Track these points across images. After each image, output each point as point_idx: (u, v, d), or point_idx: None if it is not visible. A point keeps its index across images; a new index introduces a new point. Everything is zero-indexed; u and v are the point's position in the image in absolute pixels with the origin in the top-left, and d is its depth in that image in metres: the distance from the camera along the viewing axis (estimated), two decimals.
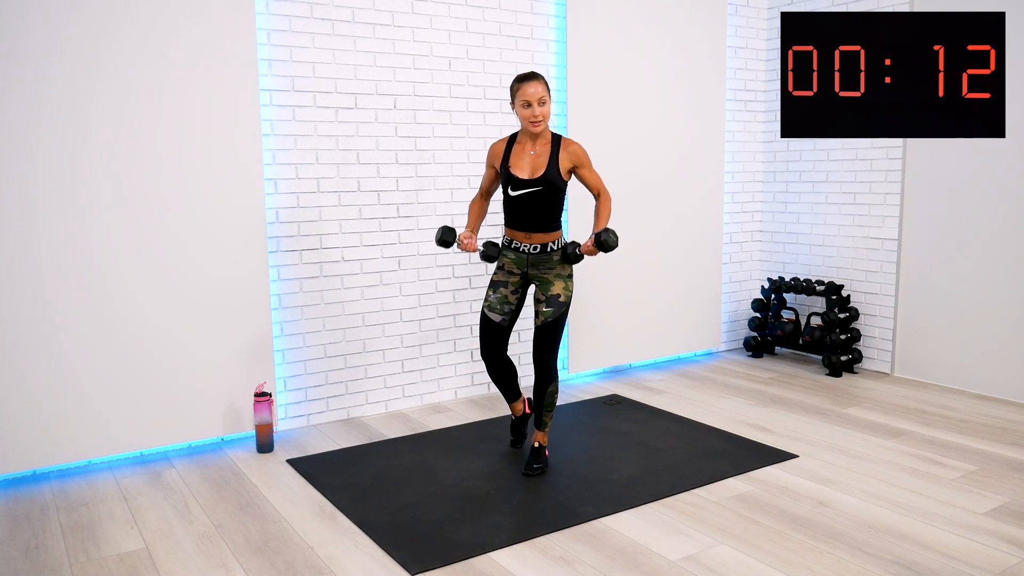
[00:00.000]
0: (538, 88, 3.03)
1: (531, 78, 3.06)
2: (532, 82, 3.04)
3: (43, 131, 3.12)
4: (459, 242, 3.16)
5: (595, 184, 3.19)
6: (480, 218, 3.34)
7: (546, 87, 3.07)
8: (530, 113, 3.05)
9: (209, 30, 3.40)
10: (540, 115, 3.05)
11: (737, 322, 5.41)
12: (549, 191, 3.11)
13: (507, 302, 3.25)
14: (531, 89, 3.03)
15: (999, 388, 4.21)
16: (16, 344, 3.15)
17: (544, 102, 3.05)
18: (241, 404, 3.62)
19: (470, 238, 3.18)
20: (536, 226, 3.14)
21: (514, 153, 3.17)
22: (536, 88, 3.03)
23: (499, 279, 3.26)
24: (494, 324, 3.26)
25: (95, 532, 2.77)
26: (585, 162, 3.15)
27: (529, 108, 3.05)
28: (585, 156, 3.15)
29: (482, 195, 3.34)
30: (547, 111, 3.07)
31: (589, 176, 3.18)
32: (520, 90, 3.06)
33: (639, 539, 2.65)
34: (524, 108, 3.06)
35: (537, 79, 3.05)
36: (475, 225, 3.31)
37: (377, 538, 2.67)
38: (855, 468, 3.24)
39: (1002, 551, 2.54)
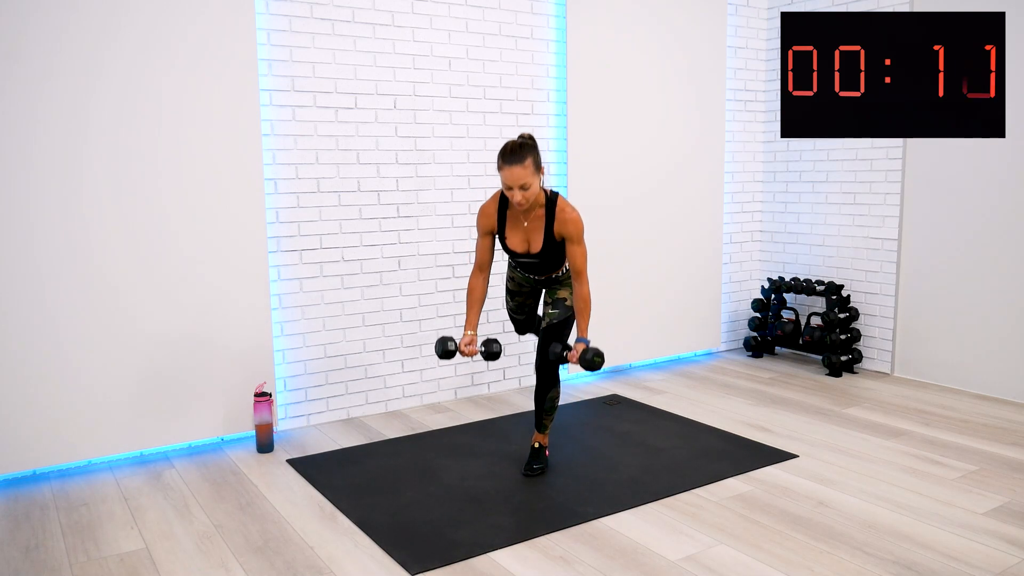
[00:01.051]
0: (521, 172, 2.77)
1: (513, 160, 2.78)
2: (514, 165, 2.77)
3: (43, 131, 3.13)
4: (460, 351, 3.02)
5: (577, 265, 2.96)
6: (481, 304, 3.10)
7: (533, 165, 2.80)
8: (511, 196, 2.84)
9: (209, 30, 3.40)
10: (523, 200, 2.83)
11: (737, 322, 5.41)
12: (548, 255, 3.01)
13: (525, 305, 3.39)
14: (512, 173, 2.78)
15: (999, 388, 4.21)
16: (16, 344, 3.15)
17: (527, 186, 2.80)
18: (241, 404, 3.62)
19: (470, 344, 3.01)
20: (540, 272, 3.13)
21: (509, 221, 3.00)
22: (518, 172, 2.77)
23: (513, 288, 3.35)
24: (519, 320, 3.46)
25: (95, 532, 2.77)
26: (574, 237, 2.93)
27: (511, 191, 2.83)
28: (577, 230, 2.93)
29: (480, 269, 3.09)
30: (532, 193, 2.82)
31: (573, 252, 2.95)
32: (501, 170, 2.81)
33: (639, 539, 2.65)
34: (506, 189, 2.83)
35: (520, 160, 2.77)
36: (475, 320, 3.07)
37: (377, 538, 2.67)
38: (855, 468, 3.24)
39: (1002, 551, 2.54)
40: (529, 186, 2.81)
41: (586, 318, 3.01)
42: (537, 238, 2.98)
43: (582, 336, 3.00)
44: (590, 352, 2.90)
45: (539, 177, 2.86)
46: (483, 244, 3.09)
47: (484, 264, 3.11)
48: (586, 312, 3.00)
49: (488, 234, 3.08)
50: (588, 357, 2.89)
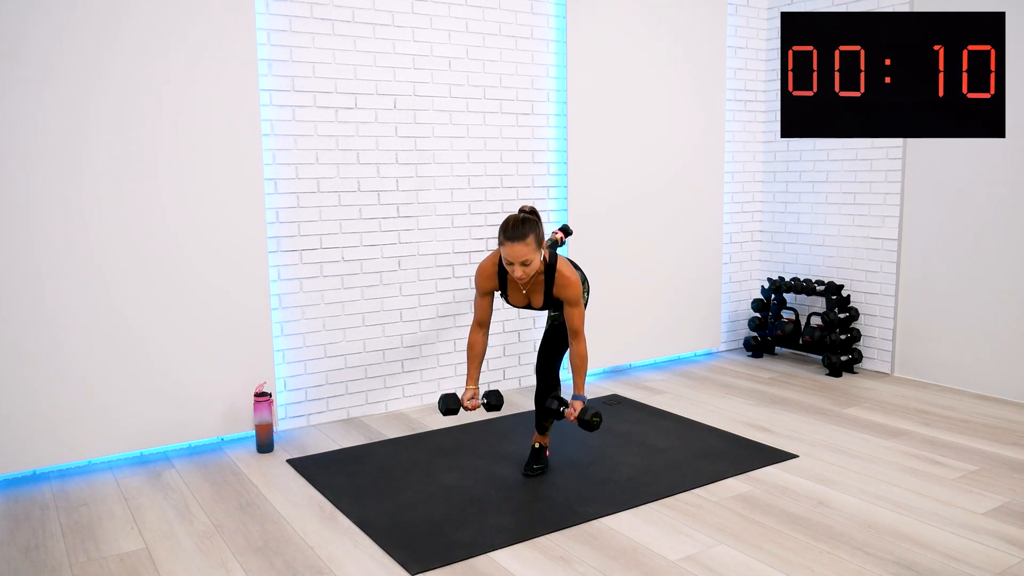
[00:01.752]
0: (523, 250, 2.76)
1: (515, 237, 2.76)
2: (516, 243, 2.75)
3: (43, 131, 3.12)
4: (464, 407, 2.98)
5: (574, 325, 2.96)
6: (481, 359, 3.07)
7: (534, 243, 2.78)
8: (512, 271, 2.82)
9: (209, 30, 3.40)
10: (524, 275, 2.82)
11: (737, 322, 5.41)
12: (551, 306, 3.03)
13: None
14: (514, 250, 2.76)
15: (999, 388, 4.21)
16: (16, 344, 3.15)
17: (528, 263, 2.78)
18: (241, 404, 3.62)
19: (472, 399, 2.99)
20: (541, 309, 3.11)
21: (510, 284, 2.99)
22: (519, 250, 2.76)
23: None
24: None
25: (95, 532, 2.77)
26: (572, 300, 2.93)
27: (512, 266, 2.81)
28: (575, 294, 2.93)
29: (479, 325, 3.06)
30: (532, 268, 2.81)
31: (571, 314, 2.95)
32: (503, 246, 2.80)
33: (639, 539, 2.65)
34: (507, 264, 2.82)
35: (522, 238, 2.76)
36: (476, 375, 3.05)
37: (377, 538, 2.67)
38: (855, 468, 3.24)
39: (1002, 551, 2.54)
40: (530, 263, 2.80)
41: (583, 375, 2.99)
42: (538, 298, 2.99)
43: (578, 393, 2.97)
44: (589, 412, 2.88)
45: (539, 253, 2.83)
46: (482, 303, 3.05)
47: (484, 321, 3.07)
48: (583, 369, 2.99)
49: (488, 293, 3.05)
50: (587, 418, 2.87)
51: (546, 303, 3.00)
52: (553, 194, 4.49)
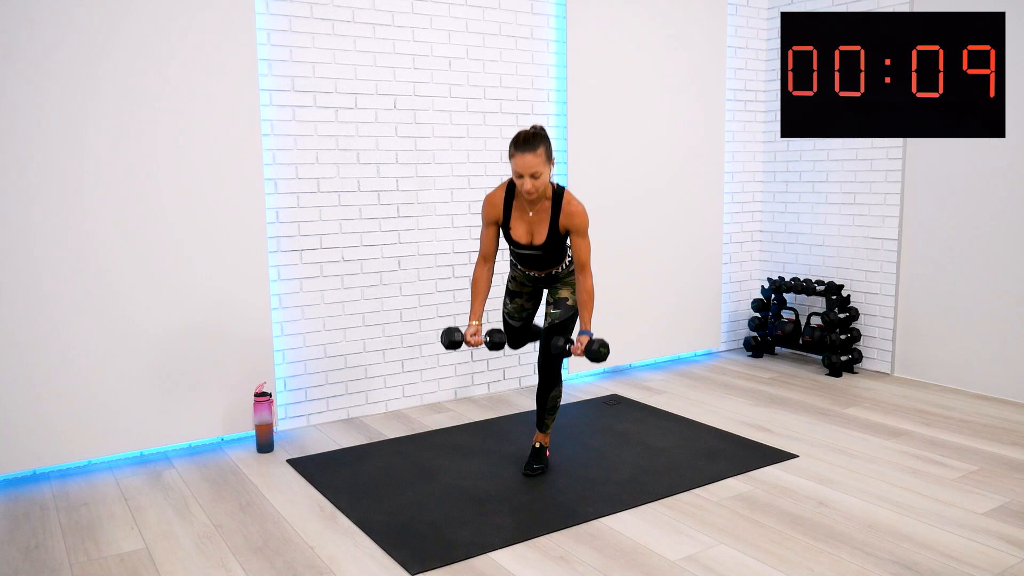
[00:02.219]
0: (533, 160, 2.77)
1: (526, 147, 2.78)
2: (527, 152, 2.77)
3: (43, 131, 3.12)
4: (466, 341, 3.01)
5: (581, 258, 2.98)
6: (486, 295, 3.09)
7: (545, 154, 2.81)
8: (521, 184, 2.84)
9: (209, 30, 3.40)
10: (532, 188, 2.82)
11: (737, 322, 5.41)
12: (551, 248, 3.02)
13: (523, 308, 3.33)
14: (525, 160, 2.78)
15: (999, 388, 4.21)
16: (16, 344, 3.15)
17: (538, 175, 2.80)
18: (241, 404, 3.62)
19: (476, 334, 3.02)
20: (542, 267, 3.12)
21: (514, 212, 2.99)
22: (530, 159, 2.77)
23: (514, 289, 3.31)
24: (514, 328, 3.37)
25: (95, 532, 2.77)
26: (580, 229, 2.94)
27: (521, 179, 2.82)
28: (583, 223, 2.94)
29: (485, 260, 3.09)
30: (542, 183, 2.83)
31: (579, 245, 2.97)
32: (513, 157, 2.81)
33: (639, 539, 2.65)
34: (517, 177, 2.83)
35: (533, 148, 2.78)
36: (479, 310, 3.07)
37: (377, 538, 2.67)
38: (855, 468, 3.24)
39: (1002, 551, 2.54)
40: (540, 175, 2.81)
41: (589, 311, 3.01)
42: (541, 230, 2.98)
43: (585, 328, 3.00)
44: (595, 343, 2.91)
45: (550, 168, 2.86)
46: (488, 234, 3.08)
47: (489, 255, 3.10)
48: (589, 305, 3.01)
49: (493, 224, 3.06)
50: (594, 348, 2.90)
51: (550, 237, 2.96)
52: None
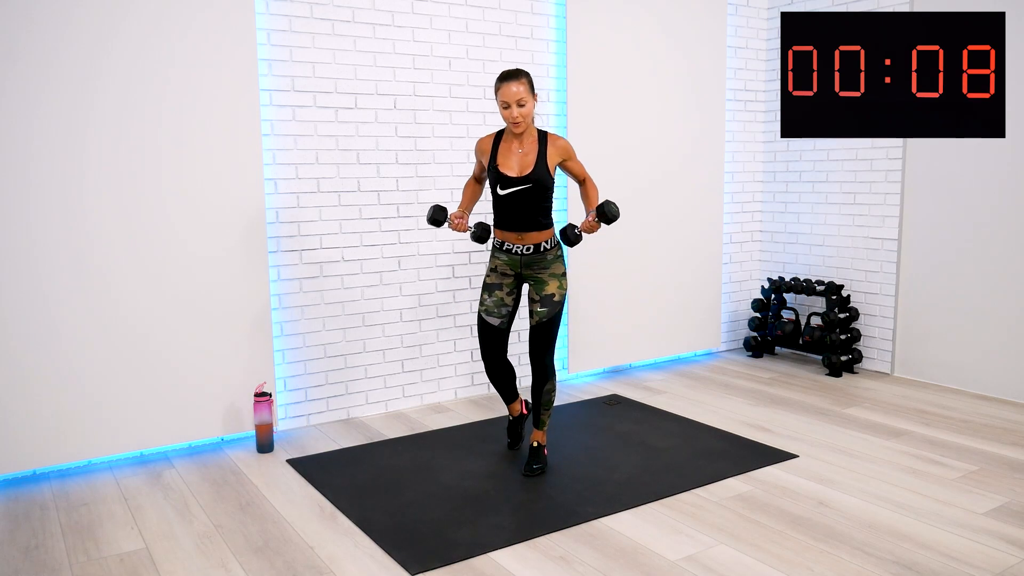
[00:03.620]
0: (517, 88, 2.96)
1: (510, 77, 2.98)
2: (511, 82, 2.97)
3: (43, 131, 3.12)
4: (450, 221, 3.13)
5: (581, 172, 3.21)
6: (474, 199, 3.33)
7: (528, 86, 3.00)
8: (509, 114, 3.00)
9: (209, 30, 3.40)
10: (519, 116, 2.99)
11: (737, 322, 5.41)
12: (539, 189, 3.08)
13: (503, 304, 3.23)
14: (510, 89, 2.96)
15: (999, 388, 4.21)
16: (16, 344, 3.15)
17: (523, 103, 2.98)
18: (241, 404, 3.62)
19: (461, 217, 3.15)
20: (528, 225, 3.12)
21: (501, 151, 3.12)
22: (515, 88, 2.96)
23: (493, 281, 3.23)
24: (492, 328, 3.25)
25: (95, 532, 2.77)
26: (572, 155, 3.16)
27: (508, 109, 2.99)
28: (572, 149, 3.16)
29: (475, 179, 3.34)
30: (528, 111, 3.00)
31: (575, 166, 3.19)
32: (499, 90, 2.99)
33: (639, 539, 2.65)
34: (504, 108, 3.01)
35: (517, 78, 2.97)
36: (468, 205, 3.29)
37: (377, 538, 2.67)
38: (855, 468, 3.24)
39: (1002, 551, 2.54)
40: (525, 103, 2.98)
41: (596, 199, 3.20)
42: (530, 161, 3.09)
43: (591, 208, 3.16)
44: (603, 203, 3.04)
45: (533, 100, 3.03)
46: (478, 165, 3.26)
47: (479, 178, 3.33)
48: (595, 195, 3.22)
49: (480, 161, 3.21)
50: (602, 208, 3.03)
51: (538, 166, 3.07)
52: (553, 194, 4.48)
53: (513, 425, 3.54)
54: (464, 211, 3.24)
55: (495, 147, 3.14)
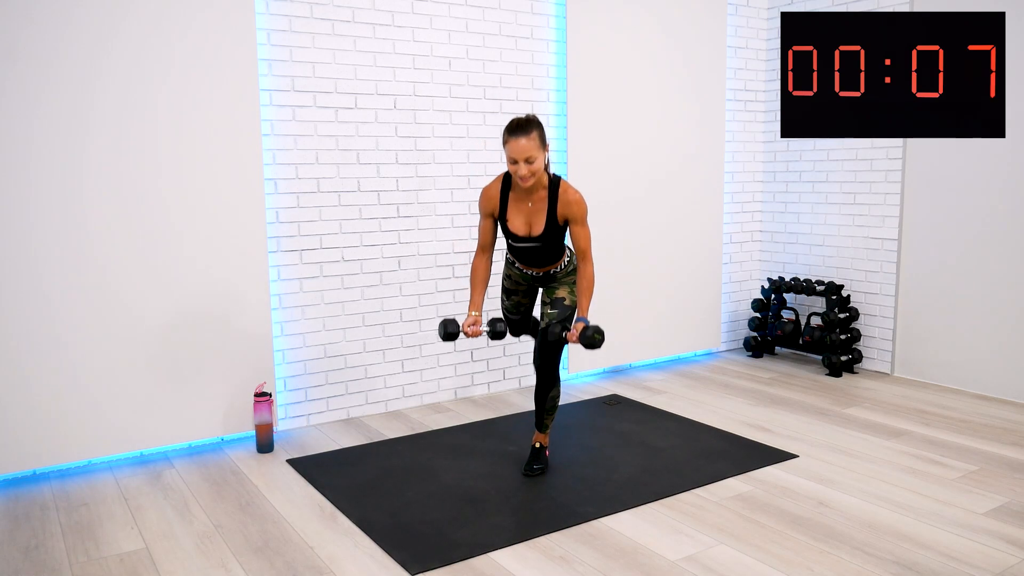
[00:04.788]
0: (527, 143, 2.76)
1: (518, 131, 2.77)
2: (520, 136, 2.76)
3: (43, 131, 3.12)
4: (464, 332, 2.99)
5: (581, 246, 2.97)
6: (485, 284, 3.09)
7: (539, 139, 2.80)
8: (516, 170, 2.82)
9: (209, 30, 3.40)
10: (527, 173, 2.80)
11: (737, 322, 5.41)
12: (550, 241, 3.00)
13: (521, 304, 3.34)
14: (518, 144, 2.76)
15: (999, 388, 4.21)
16: (16, 344, 3.15)
17: (532, 159, 2.78)
18: (241, 404, 3.62)
19: (474, 324, 2.99)
20: (540, 263, 3.11)
21: (511, 204, 2.97)
22: (524, 143, 2.76)
23: (510, 287, 3.31)
24: (515, 320, 3.38)
25: (95, 532, 2.77)
26: (579, 218, 2.93)
27: (515, 165, 2.80)
28: (581, 211, 2.93)
29: (483, 250, 3.09)
30: (537, 167, 2.81)
31: (578, 233, 2.96)
32: (507, 143, 2.80)
33: (639, 539, 2.65)
34: (511, 164, 2.82)
35: (526, 132, 2.77)
36: (479, 300, 3.06)
37: (377, 538, 2.67)
38: (855, 468, 3.24)
39: (1002, 551, 2.54)
40: (534, 160, 2.79)
41: (588, 299, 2.98)
42: (539, 220, 2.96)
43: (582, 315, 2.99)
44: (590, 329, 2.89)
45: (544, 154, 2.85)
46: (485, 226, 3.07)
47: (486, 245, 3.09)
48: (588, 292, 2.98)
49: (490, 216, 3.05)
50: (588, 334, 2.88)
51: (548, 227, 2.94)
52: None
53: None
54: (477, 312, 3.02)
55: (503, 198, 2.97)
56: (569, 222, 2.96)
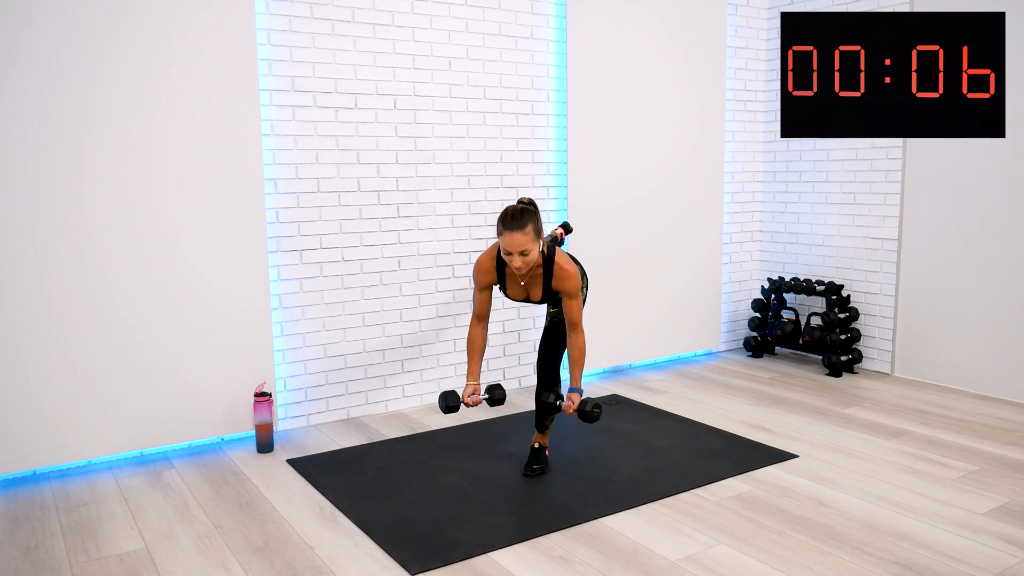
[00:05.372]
0: (522, 239, 2.76)
1: (513, 226, 2.76)
2: (514, 232, 2.76)
3: (43, 131, 3.12)
4: (464, 403, 2.96)
5: (572, 318, 2.97)
6: (482, 353, 3.07)
7: (533, 232, 2.78)
8: (510, 261, 2.82)
9: (209, 30, 3.40)
10: (523, 265, 2.81)
11: (737, 322, 5.41)
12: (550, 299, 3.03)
13: None
14: (513, 239, 2.76)
15: (999, 388, 4.21)
16: (16, 344, 3.15)
17: (527, 252, 2.78)
18: (241, 404, 3.62)
19: (474, 394, 2.97)
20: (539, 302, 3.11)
21: (508, 277, 2.99)
22: (519, 239, 2.76)
23: None
24: None
25: (95, 532, 2.77)
26: (571, 292, 2.94)
27: (510, 256, 2.81)
28: (574, 287, 2.94)
29: (479, 319, 3.06)
30: (532, 259, 2.81)
31: (570, 306, 2.96)
32: (501, 236, 2.80)
33: (639, 539, 2.65)
34: (506, 255, 2.82)
35: (521, 227, 2.76)
36: (476, 370, 3.04)
37: (377, 538, 2.67)
38: (855, 468, 3.24)
39: (1002, 551, 2.54)
40: (529, 252, 2.80)
41: (580, 368, 2.99)
42: (536, 291, 3.00)
43: (575, 386, 2.97)
44: (589, 404, 2.87)
45: (538, 243, 2.84)
46: (481, 298, 3.05)
47: (483, 316, 3.07)
48: (581, 362, 2.99)
49: (486, 288, 3.05)
50: (587, 409, 2.87)
51: (544, 296, 3.00)
52: (553, 194, 4.49)
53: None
54: (476, 382, 3.00)
55: (499, 271, 2.99)
56: (562, 295, 2.97)
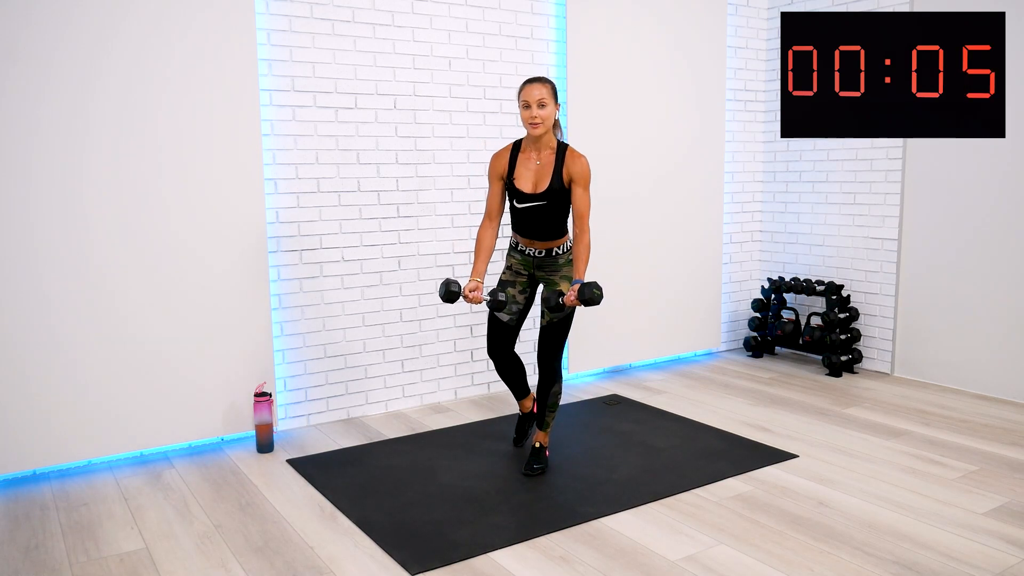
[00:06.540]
0: (540, 91, 2.99)
1: (535, 80, 3.03)
2: (535, 84, 3.01)
3: (43, 131, 3.12)
4: (464, 295, 3.00)
5: (580, 209, 3.05)
6: (489, 254, 3.15)
7: (551, 91, 3.03)
8: (528, 115, 3.01)
9: (209, 30, 3.40)
10: (538, 117, 3.00)
11: (737, 322, 5.41)
12: (554, 203, 3.09)
13: (515, 302, 3.25)
14: (532, 90, 3.00)
15: (999, 388, 4.21)
16: (16, 344, 3.15)
17: (544, 104, 2.99)
18: (241, 404, 3.62)
19: (475, 290, 3.01)
20: (542, 234, 3.15)
21: (519, 163, 3.12)
22: (538, 90, 2.99)
23: (507, 279, 3.28)
24: (502, 324, 3.26)
25: (95, 532, 2.77)
26: (582, 180, 3.06)
27: (528, 109, 3.01)
28: (585, 173, 3.06)
29: (490, 217, 3.17)
30: (547, 114, 3.01)
31: (580, 196, 3.06)
32: (522, 91, 3.04)
33: (639, 539, 2.65)
34: (524, 109, 3.02)
35: (541, 82, 3.02)
36: (482, 268, 3.10)
37: (377, 538, 2.67)
38: (855, 468, 3.25)
39: (1002, 551, 2.54)
40: (546, 104, 3.00)
41: (584, 263, 3.02)
42: (545, 178, 3.08)
43: (578, 278, 2.99)
44: (588, 286, 2.84)
45: (556, 108, 3.05)
46: (494, 190, 3.18)
47: (494, 213, 3.19)
48: (585, 256, 3.03)
49: (499, 179, 3.16)
50: (587, 294, 2.84)
51: (553, 185, 3.05)
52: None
53: (522, 422, 3.56)
54: (478, 279, 3.05)
55: (512, 160, 3.14)
56: (573, 183, 3.07)
